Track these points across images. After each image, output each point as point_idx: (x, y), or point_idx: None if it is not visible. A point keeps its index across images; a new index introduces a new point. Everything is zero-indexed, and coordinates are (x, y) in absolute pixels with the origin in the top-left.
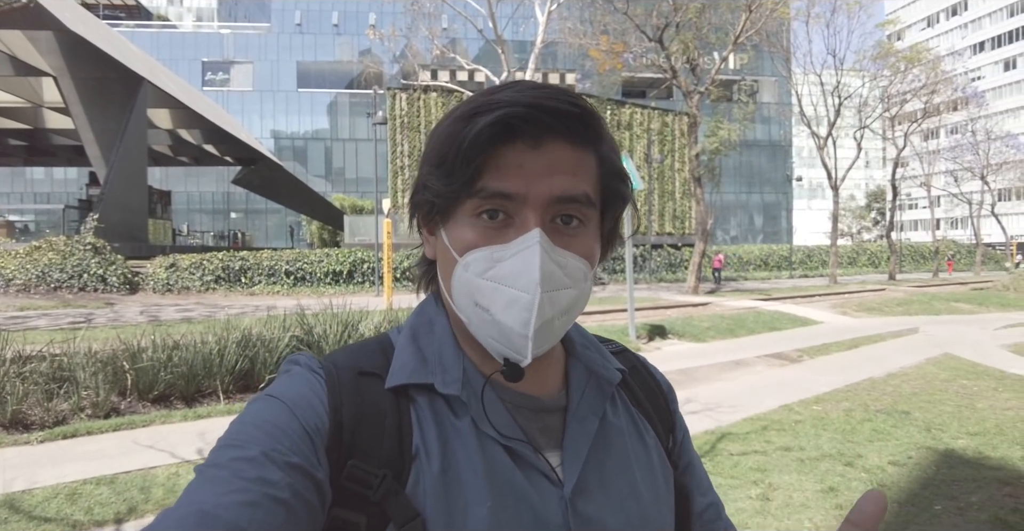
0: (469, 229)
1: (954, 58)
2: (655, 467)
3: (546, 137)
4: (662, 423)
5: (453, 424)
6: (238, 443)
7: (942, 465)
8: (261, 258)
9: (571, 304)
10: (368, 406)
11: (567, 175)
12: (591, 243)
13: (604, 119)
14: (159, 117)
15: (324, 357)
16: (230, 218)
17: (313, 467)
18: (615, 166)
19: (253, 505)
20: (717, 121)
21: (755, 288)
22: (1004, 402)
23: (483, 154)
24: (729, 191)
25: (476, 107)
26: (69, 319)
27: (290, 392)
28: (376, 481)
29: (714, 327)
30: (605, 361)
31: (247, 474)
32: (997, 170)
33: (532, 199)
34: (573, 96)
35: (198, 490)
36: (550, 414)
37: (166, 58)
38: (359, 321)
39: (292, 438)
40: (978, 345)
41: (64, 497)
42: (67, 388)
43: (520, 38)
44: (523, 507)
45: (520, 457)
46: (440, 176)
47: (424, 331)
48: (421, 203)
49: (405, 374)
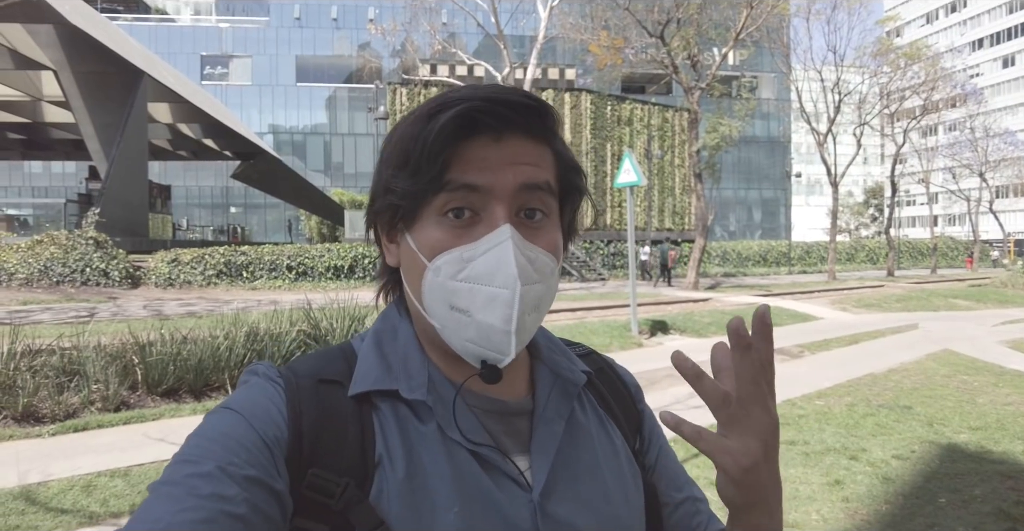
0: (436, 229)
1: (953, 55)
2: (623, 468)
3: (507, 131)
4: (629, 423)
5: (418, 429)
6: (193, 459)
7: (945, 459)
8: (263, 253)
9: (541, 299)
10: (329, 414)
11: (530, 165)
12: (555, 236)
13: (557, 112)
14: (158, 111)
15: (285, 366)
16: (229, 213)
17: (272, 478)
18: (570, 160)
19: (208, 522)
20: (718, 117)
21: (754, 284)
22: (1004, 397)
23: (446, 145)
24: (728, 187)
25: (436, 106)
26: (73, 313)
27: (247, 403)
28: (338, 490)
29: (715, 323)
30: (570, 364)
31: (201, 491)
32: (995, 167)
33: (498, 190)
34: (529, 93)
35: (152, 509)
36: (517, 417)
37: (164, 52)
38: (366, 316)
39: (249, 450)
40: (977, 341)
41: (79, 489)
42: (77, 382)
43: (520, 33)
44: (491, 512)
45: (487, 462)
46: (405, 177)
47: (388, 338)
48: (382, 210)
49: (369, 381)
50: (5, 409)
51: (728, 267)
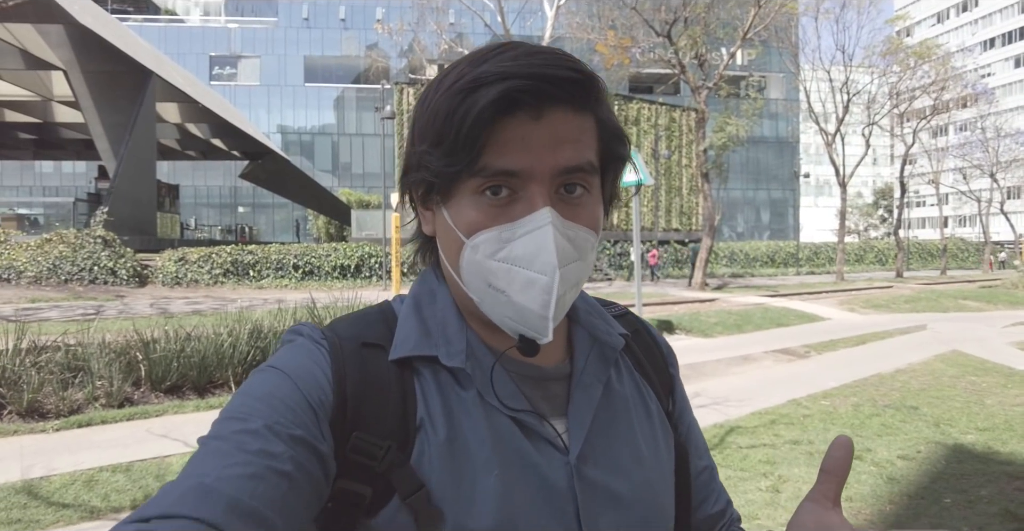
0: (472, 208)
1: (964, 54)
2: (657, 431)
3: (548, 107)
4: (663, 386)
5: (458, 395)
6: (241, 416)
7: (951, 459)
8: (269, 252)
9: (579, 276)
10: (372, 378)
11: (571, 144)
12: (596, 211)
13: (602, 80)
14: (167, 111)
15: (326, 327)
16: (237, 212)
17: (316, 440)
18: (614, 127)
19: (255, 478)
20: (725, 117)
21: (762, 284)
22: (1013, 398)
23: (483, 127)
24: (736, 187)
25: (474, 79)
26: (80, 311)
27: (293, 364)
28: (381, 453)
29: (721, 323)
30: (608, 327)
31: (250, 447)
32: (1006, 168)
33: (538, 174)
34: (573, 61)
35: (201, 463)
36: (555, 382)
37: (173, 52)
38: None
39: (295, 411)
40: (986, 342)
41: (81, 484)
42: (82, 378)
43: (527, 33)
44: (530, 474)
45: (526, 426)
46: (439, 155)
47: (427, 301)
48: (417, 182)
49: (409, 346)
50: (10, 404)
51: (736, 268)
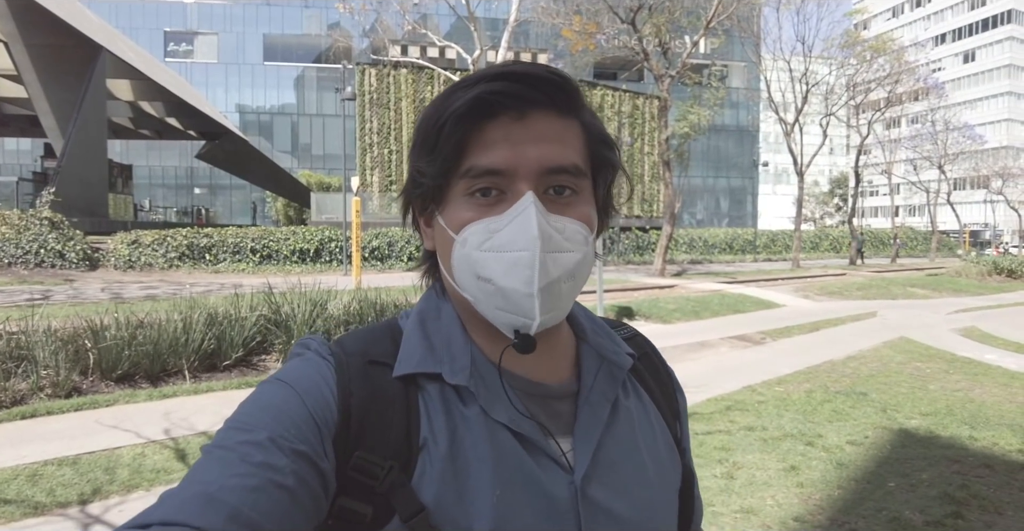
0: (463, 209)
1: (917, 49)
2: (662, 453)
3: (530, 109)
4: (670, 410)
5: (461, 413)
6: (246, 427)
7: (896, 444)
8: (226, 235)
9: (576, 268)
10: (377, 396)
11: (555, 144)
12: (587, 210)
13: (582, 90)
14: (119, 88)
15: (333, 342)
16: (193, 194)
17: (318, 456)
18: (601, 133)
19: (257, 490)
20: (688, 105)
21: (720, 271)
22: (954, 384)
23: (466, 129)
24: (696, 175)
25: (457, 84)
26: (26, 296)
27: (301, 378)
28: (382, 473)
29: (680, 309)
30: (616, 346)
31: (253, 458)
32: (953, 160)
33: (523, 171)
34: (552, 67)
35: (204, 471)
36: (560, 401)
37: (126, 27)
38: (328, 301)
39: (299, 426)
40: (931, 329)
41: (24, 478)
42: (25, 367)
43: (492, 16)
44: (533, 492)
45: (530, 443)
46: (428, 160)
47: (432, 317)
48: (415, 195)
49: (413, 363)
50: None
51: (695, 254)
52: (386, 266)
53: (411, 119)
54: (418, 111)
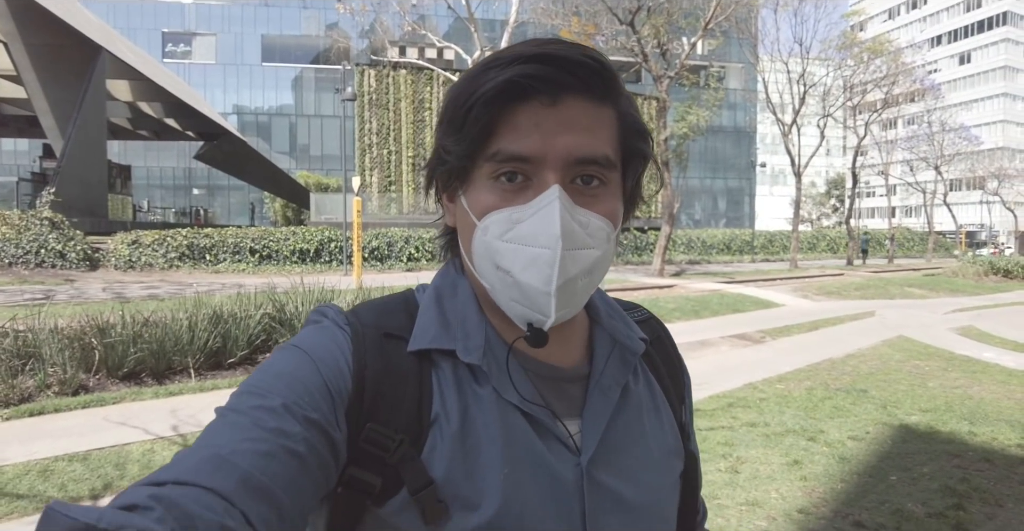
0: (487, 192)
1: (913, 50)
2: (667, 439)
3: (563, 94)
4: (677, 395)
5: (474, 391)
6: (260, 391)
7: (897, 439)
8: (226, 235)
9: (594, 265)
10: (391, 369)
11: (586, 133)
12: (613, 203)
13: (620, 75)
14: (118, 89)
15: (349, 312)
16: (192, 194)
17: (330, 426)
18: (636, 123)
19: (268, 456)
20: (686, 106)
21: (718, 271)
22: (953, 381)
23: (495, 112)
24: (694, 176)
25: (489, 62)
26: (28, 296)
27: (317, 346)
28: (393, 445)
29: (679, 308)
30: (630, 331)
31: (266, 424)
32: (949, 161)
33: (551, 160)
34: (591, 50)
35: (216, 433)
36: (571, 383)
37: (124, 27)
38: (331, 300)
39: (313, 394)
40: (929, 328)
41: (36, 474)
42: (32, 365)
43: (491, 17)
44: (540, 473)
45: (540, 424)
46: (454, 139)
47: (448, 293)
48: (439, 169)
49: (428, 338)
50: None
51: (693, 254)
52: (386, 266)
53: (410, 120)
54: (417, 112)
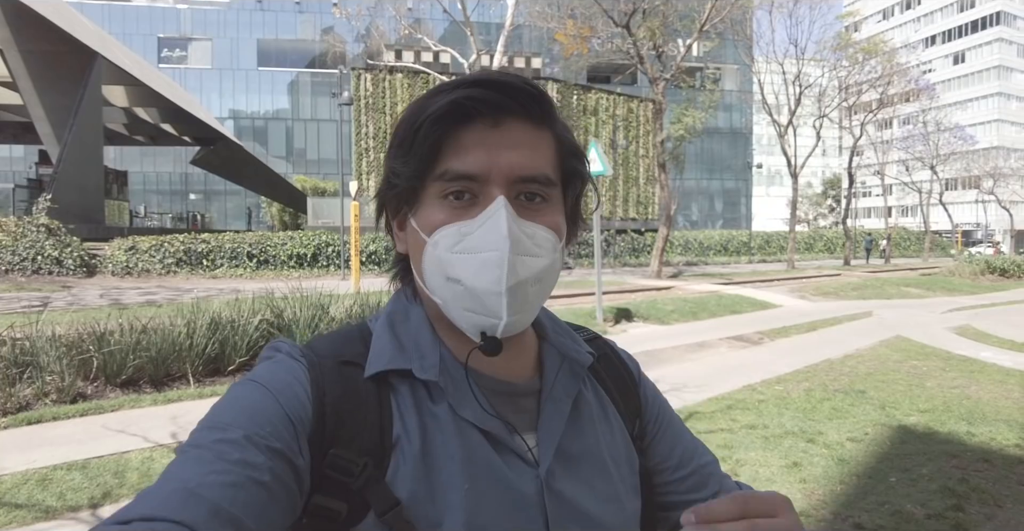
0: (437, 210)
1: (907, 51)
2: (620, 450)
3: (505, 116)
4: (628, 409)
5: (431, 410)
6: (221, 426)
7: (896, 440)
8: (223, 241)
9: (543, 272)
10: (349, 395)
11: (528, 151)
12: (557, 217)
13: (553, 102)
14: (114, 94)
15: (305, 345)
16: (188, 199)
17: (293, 454)
18: (572, 145)
19: (236, 486)
20: (682, 108)
21: (716, 272)
22: (951, 381)
23: (441, 133)
24: (691, 177)
25: (435, 89)
26: (24, 303)
27: (273, 379)
28: (357, 470)
29: (677, 310)
30: (576, 346)
31: (230, 456)
32: (945, 160)
33: (496, 176)
34: (526, 78)
35: (180, 469)
36: (525, 398)
37: (119, 33)
38: (329, 304)
39: (275, 424)
40: (927, 328)
41: (35, 483)
42: (30, 373)
43: (486, 20)
44: (500, 488)
45: (497, 440)
46: (401, 157)
47: (400, 319)
48: (389, 197)
49: (383, 361)
50: None
51: (690, 256)
52: (383, 270)
53: None
54: None
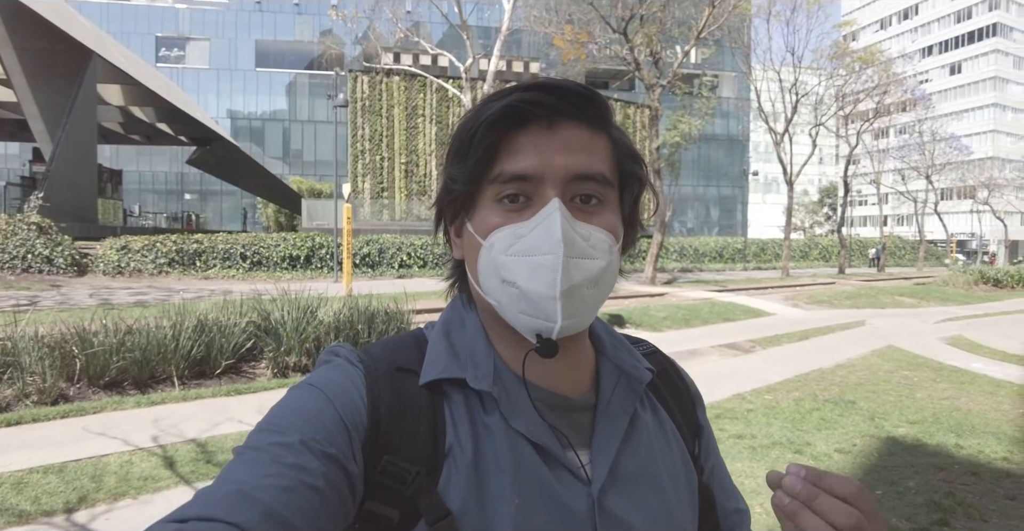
0: (492, 213)
1: (904, 61)
2: (679, 468)
3: (560, 119)
4: (688, 427)
5: (483, 421)
6: (278, 429)
7: (883, 452)
8: (216, 241)
9: (599, 275)
10: (404, 402)
11: (583, 153)
12: (613, 219)
13: (609, 103)
14: (109, 93)
15: (362, 350)
16: (183, 199)
17: (347, 460)
18: (628, 148)
19: (289, 490)
20: (679, 115)
21: (710, 279)
22: (941, 392)
23: (496, 137)
24: (687, 184)
25: (491, 96)
26: (12, 301)
27: (332, 384)
28: (410, 478)
29: (670, 317)
30: (635, 361)
31: (285, 460)
32: (940, 170)
33: (550, 177)
34: (580, 83)
35: (237, 471)
36: (579, 412)
37: (117, 32)
38: (318, 307)
39: (330, 430)
40: (919, 337)
41: (9, 486)
42: (11, 374)
43: (484, 24)
44: (551, 504)
45: (549, 454)
46: (458, 163)
47: (456, 327)
48: (446, 204)
49: (438, 369)
50: None
51: (685, 262)
52: (377, 273)
53: (403, 126)
54: (410, 118)
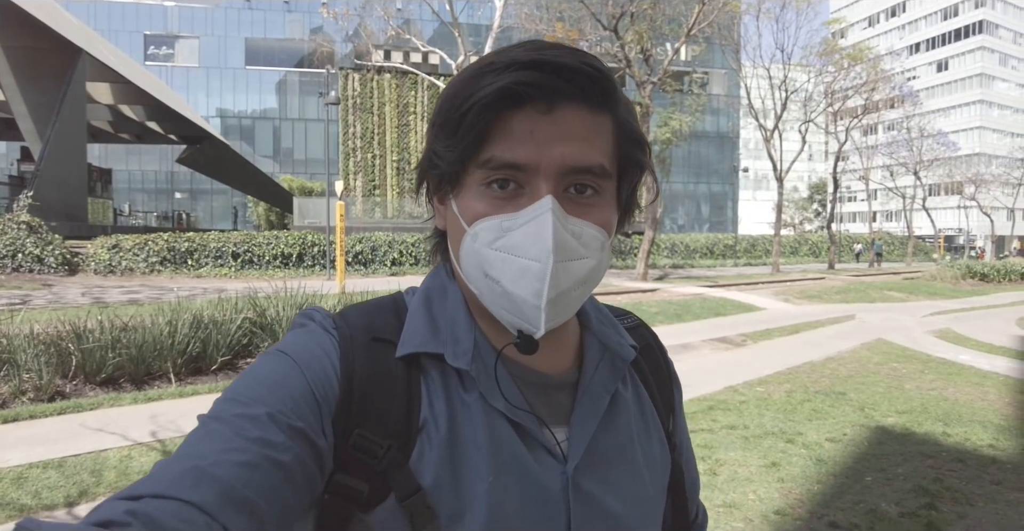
0: (478, 199)
1: (892, 58)
2: (654, 448)
3: (559, 101)
4: (665, 404)
5: (461, 397)
6: (244, 399)
7: (873, 441)
8: (208, 240)
9: (588, 275)
10: (379, 374)
11: (582, 142)
12: (607, 213)
13: (618, 81)
14: (98, 91)
15: (337, 315)
16: (174, 198)
17: (316, 434)
18: (633, 131)
19: (251, 466)
20: (669, 112)
21: (701, 275)
22: (929, 383)
23: (488, 119)
24: (677, 180)
25: (484, 66)
26: (4, 301)
27: (303, 351)
28: (381, 452)
29: (662, 312)
30: (620, 338)
31: (249, 433)
32: (928, 166)
33: (544, 169)
34: (588, 56)
35: (198, 443)
36: (559, 390)
37: (105, 29)
38: (313, 304)
39: (299, 402)
40: (907, 331)
41: (9, 481)
42: (7, 371)
43: (475, 22)
44: (525, 481)
45: (526, 431)
46: (445, 140)
47: (438, 297)
48: (430, 172)
49: (416, 342)
50: None
51: (676, 259)
52: (370, 271)
53: (395, 124)
54: (402, 116)
